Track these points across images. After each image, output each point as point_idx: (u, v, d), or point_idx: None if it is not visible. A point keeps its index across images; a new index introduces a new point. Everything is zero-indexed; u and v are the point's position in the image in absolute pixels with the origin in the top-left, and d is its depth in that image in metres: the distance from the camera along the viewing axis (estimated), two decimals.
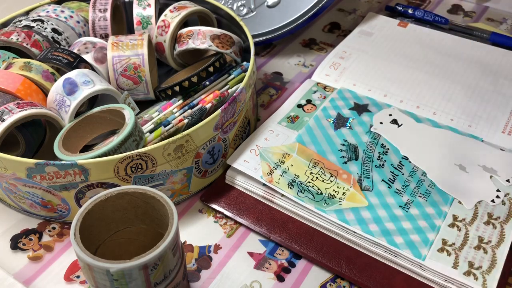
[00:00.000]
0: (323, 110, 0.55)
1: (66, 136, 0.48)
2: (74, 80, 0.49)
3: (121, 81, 0.54)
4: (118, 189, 0.37)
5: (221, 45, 0.55)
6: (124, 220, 0.39)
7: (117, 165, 0.43)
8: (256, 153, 0.50)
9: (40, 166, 0.42)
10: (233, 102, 0.48)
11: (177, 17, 0.58)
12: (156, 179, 0.46)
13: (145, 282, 0.34)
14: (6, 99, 0.47)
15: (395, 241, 0.42)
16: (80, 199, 0.45)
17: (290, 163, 0.49)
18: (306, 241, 0.45)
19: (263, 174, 0.48)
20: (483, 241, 0.42)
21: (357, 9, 0.78)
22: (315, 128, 0.53)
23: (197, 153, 0.47)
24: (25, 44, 0.54)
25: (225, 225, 0.48)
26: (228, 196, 0.49)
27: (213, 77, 0.54)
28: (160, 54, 0.60)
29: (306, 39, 0.72)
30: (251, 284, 0.43)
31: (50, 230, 0.47)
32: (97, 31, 0.59)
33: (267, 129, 0.53)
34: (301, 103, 0.56)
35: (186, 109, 0.52)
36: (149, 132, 0.49)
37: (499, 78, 0.60)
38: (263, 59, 0.69)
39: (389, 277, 0.42)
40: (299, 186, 0.47)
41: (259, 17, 0.68)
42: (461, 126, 0.54)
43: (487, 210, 0.45)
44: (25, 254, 0.45)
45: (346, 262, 0.43)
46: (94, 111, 0.50)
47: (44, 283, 0.43)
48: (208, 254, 0.45)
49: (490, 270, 0.40)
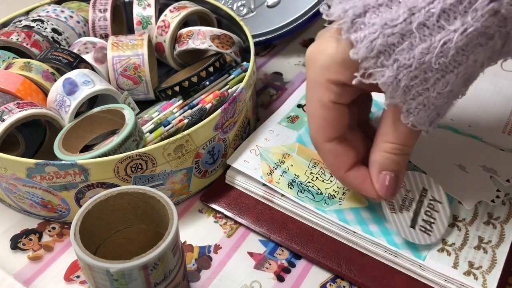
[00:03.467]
0: None
1: (66, 136, 0.48)
2: (74, 80, 0.49)
3: (121, 81, 0.54)
4: (118, 189, 0.37)
5: (221, 45, 0.55)
6: (124, 220, 0.39)
7: (117, 165, 0.43)
8: (256, 153, 0.50)
9: (40, 166, 0.42)
10: (233, 102, 0.48)
11: (177, 17, 0.58)
12: (156, 179, 0.46)
13: (145, 282, 0.34)
14: (6, 99, 0.47)
15: (395, 241, 0.42)
16: (80, 199, 0.45)
17: (290, 163, 0.49)
18: (306, 241, 0.45)
19: (263, 174, 0.48)
20: (483, 241, 0.42)
21: None
22: None
23: (197, 153, 0.47)
24: (25, 44, 0.54)
25: (225, 225, 0.48)
26: (228, 196, 0.49)
27: (213, 77, 0.54)
28: (160, 54, 0.60)
29: (306, 39, 0.72)
30: (251, 284, 0.43)
31: (50, 230, 0.48)
32: (97, 31, 0.59)
33: (267, 129, 0.53)
34: (301, 103, 0.56)
35: (186, 109, 0.52)
36: (149, 132, 0.50)
37: (499, 78, 0.60)
38: (263, 59, 0.69)
39: (389, 277, 0.42)
40: (299, 186, 0.47)
41: (259, 17, 0.68)
42: (461, 126, 0.54)
43: (487, 210, 0.45)
44: (25, 254, 0.45)
45: (346, 262, 0.43)
46: (94, 111, 0.50)
47: (44, 283, 0.43)
48: (208, 254, 0.45)
49: (490, 270, 0.40)
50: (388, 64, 0.34)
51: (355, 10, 0.34)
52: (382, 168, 0.40)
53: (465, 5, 0.31)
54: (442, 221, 0.42)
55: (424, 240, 0.41)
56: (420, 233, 0.41)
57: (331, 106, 0.38)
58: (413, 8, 0.33)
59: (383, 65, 0.34)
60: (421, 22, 0.32)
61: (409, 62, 0.33)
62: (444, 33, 0.32)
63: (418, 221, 0.42)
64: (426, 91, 0.34)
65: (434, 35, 0.33)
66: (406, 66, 0.33)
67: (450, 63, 0.33)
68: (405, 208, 0.42)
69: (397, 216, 0.42)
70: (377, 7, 0.34)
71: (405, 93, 0.34)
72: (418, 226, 0.42)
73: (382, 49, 0.34)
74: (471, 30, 0.32)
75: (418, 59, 0.33)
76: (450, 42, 0.32)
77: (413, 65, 0.33)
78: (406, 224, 0.41)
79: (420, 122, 0.36)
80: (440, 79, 0.34)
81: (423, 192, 0.43)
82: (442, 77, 0.34)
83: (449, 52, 0.33)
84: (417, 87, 0.34)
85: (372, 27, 0.34)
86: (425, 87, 0.34)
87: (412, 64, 0.33)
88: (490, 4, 0.31)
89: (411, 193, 0.42)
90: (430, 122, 0.37)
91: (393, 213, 0.42)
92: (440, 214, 0.42)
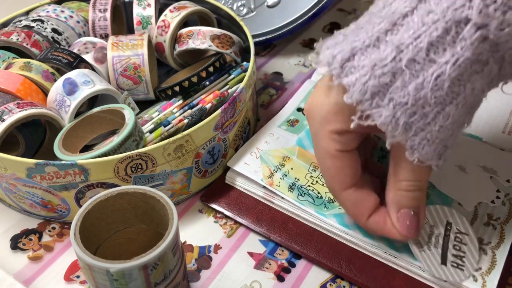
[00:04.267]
0: None
1: (66, 136, 0.48)
2: (74, 80, 0.49)
3: (121, 81, 0.54)
4: (118, 189, 0.37)
5: (221, 45, 0.55)
6: (124, 220, 0.39)
7: (117, 165, 0.43)
8: (256, 156, 0.50)
9: (40, 166, 0.42)
10: (233, 102, 0.48)
11: (177, 17, 0.58)
12: (156, 179, 0.46)
13: (145, 282, 0.34)
14: (6, 99, 0.47)
15: (395, 245, 0.42)
16: (80, 199, 0.45)
17: (290, 166, 0.49)
18: (306, 241, 0.45)
19: (263, 177, 0.48)
20: (483, 242, 0.42)
21: (357, 9, 0.78)
22: None
23: (197, 153, 0.47)
24: (25, 44, 0.54)
25: (225, 225, 0.48)
26: (228, 196, 0.49)
27: (213, 77, 0.54)
28: (160, 54, 0.60)
29: (306, 39, 0.72)
30: (251, 284, 0.43)
31: (50, 230, 0.48)
32: (97, 31, 0.59)
33: (267, 133, 0.53)
34: (301, 107, 0.56)
35: (186, 109, 0.52)
36: (149, 132, 0.50)
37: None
38: (263, 59, 0.69)
39: (389, 277, 0.42)
40: (299, 189, 0.47)
41: (259, 17, 0.68)
42: None
43: (487, 211, 0.45)
44: (25, 254, 0.46)
45: (346, 262, 0.43)
46: (94, 111, 0.50)
47: (44, 283, 0.43)
48: (208, 254, 0.45)
49: (490, 272, 0.40)
50: (383, 104, 0.33)
51: (343, 55, 0.34)
52: (400, 207, 0.39)
53: (452, 35, 0.31)
54: (472, 254, 0.41)
55: (458, 277, 0.40)
56: (452, 270, 0.40)
57: (339, 155, 0.38)
58: (400, 45, 0.32)
59: (379, 106, 0.33)
60: (410, 58, 0.32)
61: (404, 99, 0.33)
62: (435, 66, 0.32)
63: (449, 257, 0.40)
64: (427, 125, 0.34)
65: (425, 69, 0.32)
66: (402, 104, 0.33)
67: (447, 95, 0.33)
68: (432, 244, 0.41)
69: (426, 254, 0.40)
70: (365, 49, 0.34)
71: (406, 130, 0.34)
72: (450, 262, 0.40)
73: (375, 90, 0.33)
74: (463, 60, 0.31)
75: (414, 95, 0.33)
76: (444, 75, 0.32)
77: (409, 102, 0.33)
78: (437, 262, 0.40)
79: (427, 157, 0.35)
80: (440, 112, 0.33)
81: (447, 225, 0.42)
82: (442, 110, 0.33)
83: (444, 85, 0.32)
84: (417, 123, 0.33)
85: (363, 69, 0.33)
86: (426, 122, 0.33)
87: (408, 101, 0.33)
88: (478, 32, 0.30)
89: (436, 228, 0.41)
90: (439, 156, 0.36)
91: (422, 251, 0.40)
92: (469, 247, 0.41)
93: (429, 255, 0.41)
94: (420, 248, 0.41)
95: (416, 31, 0.32)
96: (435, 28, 0.31)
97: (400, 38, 0.32)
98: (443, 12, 0.31)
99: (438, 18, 0.31)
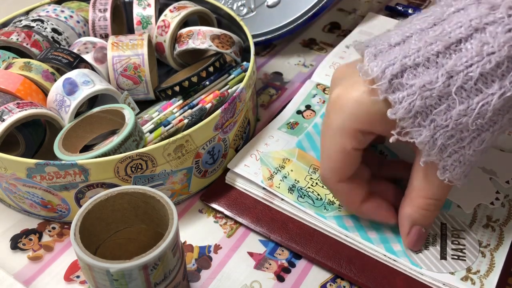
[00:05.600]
0: (322, 117, 0.55)
1: (66, 136, 0.48)
2: (74, 80, 0.49)
3: (121, 81, 0.54)
4: (118, 189, 0.37)
5: (221, 45, 0.55)
6: (124, 220, 0.39)
7: (117, 165, 0.43)
8: (256, 158, 0.50)
9: (40, 166, 0.42)
10: (233, 102, 0.48)
11: (177, 17, 0.58)
12: (156, 179, 0.46)
13: (145, 282, 0.34)
14: (6, 99, 0.47)
15: (393, 249, 0.42)
16: (80, 199, 0.45)
17: (290, 168, 0.49)
18: (306, 241, 0.45)
19: (263, 179, 0.48)
20: (482, 245, 0.42)
21: (357, 9, 0.78)
22: (315, 134, 0.52)
23: (197, 153, 0.47)
24: (25, 44, 0.54)
25: (225, 225, 0.48)
26: (228, 196, 0.49)
27: (213, 77, 0.54)
28: (160, 54, 0.60)
29: (306, 39, 0.72)
30: (251, 284, 0.43)
31: (50, 230, 0.48)
32: (97, 31, 0.59)
33: (267, 135, 0.53)
34: (300, 109, 0.56)
35: (186, 109, 0.52)
36: (149, 132, 0.50)
37: None
38: (263, 59, 0.69)
39: (389, 277, 0.42)
40: (299, 191, 0.47)
41: (259, 17, 0.68)
42: None
43: (486, 212, 0.45)
44: (25, 254, 0.46)
45: (346, 262, 0.43)
46: (94, 111, 0.50)
47: (44, 283, 0.43)
48: (208, 254, 0.45)
49: (488, 274, 0.40)
50: (425, 124, 0.35)
51: (393, 70, 0.35)
52: (414, 223, 0.41)
53: (503, 70, 0.32)
54: (472, 245, 0.42)
55: (459, 266, 0.41)
56: (453, 262, 0.41)
57: (352, 152, 0.39)
58: (451, 71, 0.33)
59: (420, 125, 0.35)
60: (459, 86, 0.33)
61: (446, 123, 0.34)
62: (482, 95, 0.33)
63: (448, 252, 0.41)
64: (462, 149, 0.35)
65: (471, 97, 0.33)
66: (443, 126, 0.34)
67: (486, 123, 0.34)
68: (430, 244, 0.42)
69: (424, 254, 0.42)
70: (415, 67, 0.34)
71: (441, 151, 0.35)
72: (449, 256, 0.41)
73: (420, 110, 0.34)
74: (510, 94, 0.33)
75: (455, 120, 0.34)
76: (488, 105, 0.33)
77: (450, 126, 0.34)
78: (436, 258, 0.41)
79: (456, 177, 0.37)
80: (476, 138, 0.35)
81: (442, 226, 0.43)
82: (478, 136, 0.35)
83: (487, 114, 0.33)
84: (453, 145, 0.35)
85: (411, 89, 0.34)
86: (461, 145, 0.35)
87: (449, 124, 0.34)
88: None
89: (432, 229, 0.43)
90: (465, 176, 0.37)
91: (419, 253, 0.42)
92: (468, 240, 0.42)
93: (427, 254, 0.41)
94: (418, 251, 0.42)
95: (469, 60, 0.33)
96: (489, 61, 0.32)
97: (452, 65, 0.33)
98: (499, 47, 0.32)
99: (494, 51, 0.32)
